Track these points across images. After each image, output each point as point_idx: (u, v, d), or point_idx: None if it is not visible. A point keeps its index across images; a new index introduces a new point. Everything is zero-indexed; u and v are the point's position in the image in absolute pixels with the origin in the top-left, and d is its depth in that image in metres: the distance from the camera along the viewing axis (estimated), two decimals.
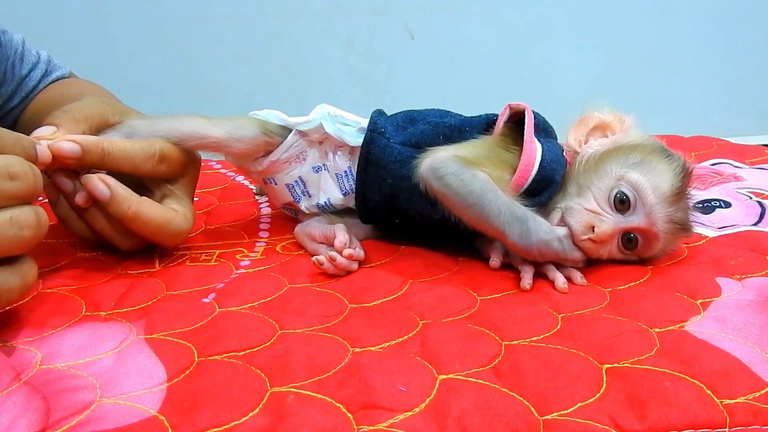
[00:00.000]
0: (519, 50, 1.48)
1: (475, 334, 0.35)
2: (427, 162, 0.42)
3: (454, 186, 0.40)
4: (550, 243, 0.40)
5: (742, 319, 0.35)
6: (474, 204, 0.40)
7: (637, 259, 0.43)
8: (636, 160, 0.42)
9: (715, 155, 0.68)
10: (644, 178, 0.41)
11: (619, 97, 1.66)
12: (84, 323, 0.37)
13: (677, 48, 1.53)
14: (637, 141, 0.44)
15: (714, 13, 1.51)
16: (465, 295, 0.40)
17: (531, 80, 1.51)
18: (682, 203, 0.42)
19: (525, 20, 1.45)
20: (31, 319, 0.37)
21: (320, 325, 0.36)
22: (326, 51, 1.35)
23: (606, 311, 0.37)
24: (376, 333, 0.35)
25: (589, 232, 0.41)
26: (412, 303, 0.39)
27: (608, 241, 0.41)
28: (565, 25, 1.47)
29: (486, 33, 1.45)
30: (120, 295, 0.40)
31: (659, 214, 0.41)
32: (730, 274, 0.41)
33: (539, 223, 0.40)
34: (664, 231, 0.41)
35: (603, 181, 0.42)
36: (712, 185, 0.58)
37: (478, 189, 0.40)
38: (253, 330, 0.36)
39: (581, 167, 0.43)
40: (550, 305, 0.38)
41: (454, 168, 0.40)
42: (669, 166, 0.42)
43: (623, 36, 1.50)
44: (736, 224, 0.49)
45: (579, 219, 0.41)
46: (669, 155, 0.43)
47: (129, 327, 0.36)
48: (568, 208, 0.42)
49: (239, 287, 0.41)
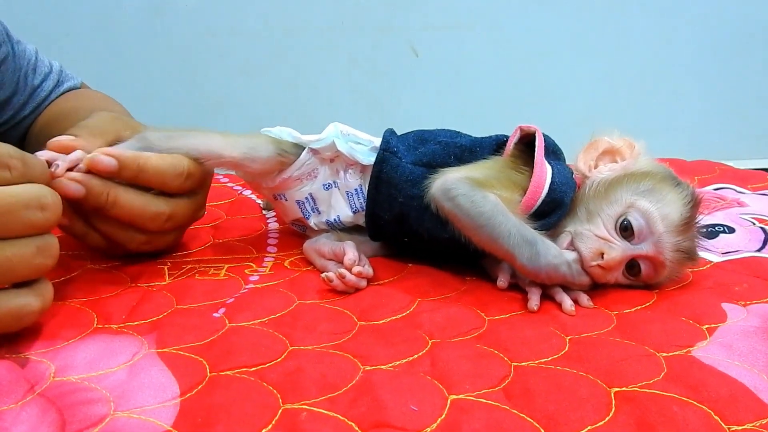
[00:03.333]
0: (521, 70, 1.49)
1: (485, 354, 0.35)
2: (439, 182, 0.42)
3: (465, 207, 0.41)
4: (558, 267, 0.40)
5: (748, 346, 0.35)
6: (484, 225, 0.41)
7: (642, 284, 0.44)
8: (646, 188, 0.42)
9: (717, 180, 0.68)
10: (654, 206, 0.41)
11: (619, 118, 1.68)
12: (96, 335, 0.37)
13: (677, 71, 1.55)
14: (647, 168, 0.44)
15: (714, 37, 1.53)
16: (473, 314, 0.40)
17: (532, 100, 1.52)
18: (689, 233, 0.42)
19: (527, 41, 1.47)
20: (44, 331, 0.37)
21: (330, 342, 0.37)
22: (330, 66, 1.36)
23: (613, 334, 0.38)
24: (386, 351, 0.35)
25: (598, 259, 0.41)
26: (421, 322, 0.39)
27: (616, 268, 0.42)
28: (566, 46, 1.49)
29: (489, 53, 1.47)
30: (131, 308, 0.40)
31: (667, 243, 0.41)
32: (735, 300, 0.41)
33: (548, 246, 0.40)
34: (671, 260, 0.42)
35: (613, 208, 0.42)
36: (715, 210, 0.59)
37: (489, 211, 0.40)
38: (264, 346, 0.36)
39: (591, 192, 0.44)
40: (558, 327, 0.39)
41: (465, 189, 0.41)
42: (678, 195, 0.42)
43: (624, 58, 1.52)
44: (740, 250, 0.50)
45: (589, 245, 0.41)
46: (678, 184, 0.43)
47: (141, 340, 0.36)
48: (577, 233, 0.42)
49: (249, 302, 0.41)
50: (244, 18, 1.35)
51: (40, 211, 0.34)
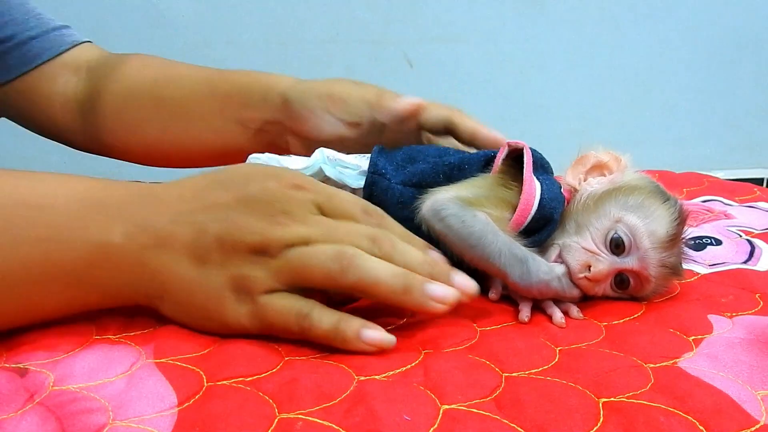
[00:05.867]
0: (514, 81, 1.51)
1: (477, 365, 0.36)
2: (429, 204, 0.43)
3: (455, 227, 0.42)
4: (550, 283, 0.41)
5: (733, 357, 0.36)
6: (475, 245, 0.41)
7: (629, 296, 0.45)
8: (634, 202, 0.43)
9: (706, 192, 0.70)
10: (641, 222, 0.42)
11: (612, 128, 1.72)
12: (94, 346, 0.37)
13: (669, 83, 1.57)
14: (636, 182, 0.45)
15: (705, 49, 1.55)
16: (466, 325, 0.41)
17: (526, 111, 1.54)
18: (675, 249, 0.43)
19: (521, 53, 1.49)
20: (43, 342, 0.38)
21: (325, 352, 0.37)
22: (326, 77, 1.37)
23: (602, 345, 0.39)
24: (380, 362, 0.36)
25: (585, 271, 0.42)
26: (414, 332, 0.40)
27: (603, 281, 0.43)
28: (559, 58, 1.51)
29: (482, 65, 1.49)
30: (128, 318, 0.41)
31: (652, 259, 0.42)
32: (721, 312, 0.42)
33: (539, 263, 0.41)
34: (656, 275, 0.43)
35: (601, 222, 0.43)
36: (703, 222, 0.60)
37: (479, 230, 0.41)
38: (260, 356, 0.36)
39: (580, 206, 0.45)
40: (548, 338, 0.39)
41: (455, 209, 0.42)
42: (666, 211, 0.43)
43: (617, 70, 1.54)
44: (727, 262, 0.51)
45: (577, 258, 0.42)
46: (667, 199, 0.44)
47: (138, 351, 0.37)
48: (565, 246, 0.43)
49: None
50: (240, 30, 1.37)
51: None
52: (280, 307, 0.37)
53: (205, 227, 0.37)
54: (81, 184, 0.39)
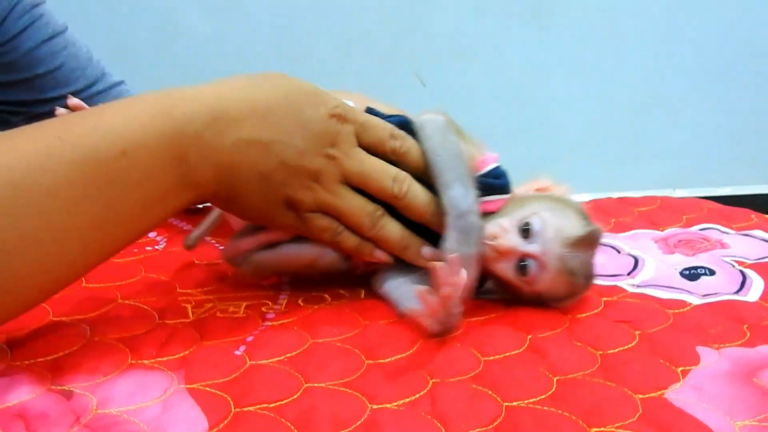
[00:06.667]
0: (521, 95, 1.54)
1: (479, 395, 0.39)
2: (430, 116, 0.51)
3: (438, 139, 0.49)
4: (470, 215, 0.48)
5: (717, 389, 0.39)
6: (446, 158, 0.49)
7: (537, 296, 0.49)
8: (554, 206, 0.49)
9: (704, 219, 0.72)
10: (552, 218, 0.48)
11: (616, 142, 1.75)
12: (131, 371, 0.41)
13: (673, 97, 1.60)
14: (565, 198, 0.52)
15: (707, 66, 1.57)
16: (470, 355, 0.44)
17: (533, 125, 1.57)
18: (579, 256, 0.48)
19: (527, 67, 1.52)
20: (84, 365, 0.41)
21: (341, 380, 0.41)
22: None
23: (596, 375, 0.42)
24: (391, 391, 0.39)
25: (492, 240, 0.48)
26: (422, 361, 0.43)
27: (505, 256, 0.48)
28: (565, 73, 1.54)
29: (490, 78, 1.52)
30: (160, 344, 0.45)
31: (553, 250, 0.47)
32: (709, 343, 0.45)
33: (473, 197, 0.48)
34: (555, 269, 0.47)
35: (522, 212, 0.49)
36: (699, 251, 0.63)
37: (455, 150, 0.49)
38: (282, 383, 0.40)
39: (515, 200, 0.51)
40: (546, 368, 0.43)
41: (447, 128, 0.50)
42: (580, 222, 0.49)
43: (620, 84, 1.57)
44: (719, 293, 0.54)
45: (492, 228, 0.48)
46: (586, 218, 0.50)
47: (171, 376, 0.41)
48: (491, 222, 0.49)
49: (267, 341, 0.45)
50: (253, 45, 1.41)
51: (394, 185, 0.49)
52: (319, 223, 0.48)
53: (270, 150, 0.45)
54: (149, 116, 0.43)
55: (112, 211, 0.41)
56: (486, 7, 1.47)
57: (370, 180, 0.48)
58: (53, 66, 0.70)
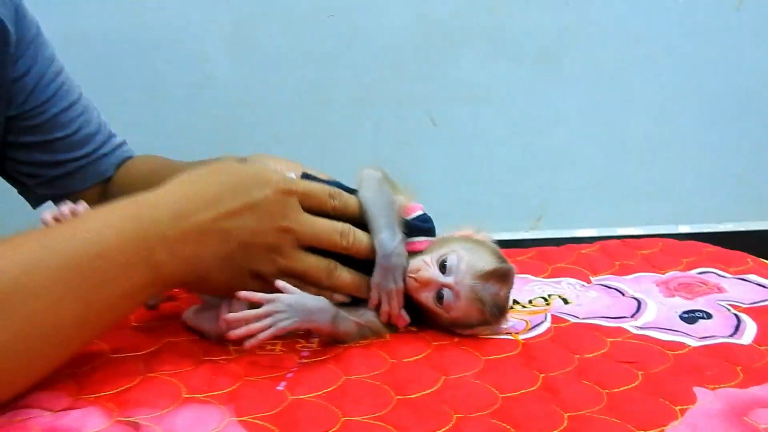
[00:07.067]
0: (532, 139, 1.60)
1: (498, 429, 0.44)
2: (367, 171, 0.60)
3: (375, 189, 0.58)
4: (393, 256, 0.55)
5: (710, 426, 0.44)
6: (378, 205, 0.57)
7: (454, 323, 0.58)
8: (470, 246, 0.58)
9: (703, 263, 0.77)
10: (467, 255, 0.56)
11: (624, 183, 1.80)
12: (187, 405, 0.46)
13: (678, 139, 1.65)
14: (483, 241, 0.60)
15: (712, 106, 1.63)
16: (489, 392, 0.49)
17: (543, 167, 1.63)
18: (489, 287, 0.56)
19: (537, 111, 1.58)
20: (144, 399, 0.46)
21: (374, 414, 0.46)
22: (355, 135, 1.48)
23: (603, 412, 0.46)
24: (420, 425, 0.44)
25: (414, 272, 0.56)
26: (446, 398, 0.48)
27: (425, 286, 0.56)
28: (575, 116, 1.60)
29: (502, 122, 1.58)
30: (208, 379, 0.50)
31: (466, 281, 0.55)
32: (705, 384, 0.50)
33: (400, 241, 0.56)
34: (466, 298, 0.55)
35: (442, 250, 0.57)
36: (697, 295, 0.67)
37: (387, 198, 0.57)
38: (322, 417, 0.45)
39: (438, 242, 0.59)
40: (559, 405, 0.47)
41: (382, 181, 0.59)
42: (492, 258, 0.57)
43: (628, 127, 1.63)
44: (715, 335, 0.59)
45: (415, 263, 0.57)
46: (500, 257, 0.58)
47: (222, 410, 0.46)
48: (416, 258, 0.57)
49: (305, 377, 0.50)
50: (276, 91, 1.48)
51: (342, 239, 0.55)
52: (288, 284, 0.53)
53: (228, 235, 0.51)
54: (120, 222, 0.49)
55: (90, 307, 0.47)
56: (498, 52, 1.54)
57: (321, 240, 0.55)
58: (71, 131, 0.77)
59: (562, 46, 1.53)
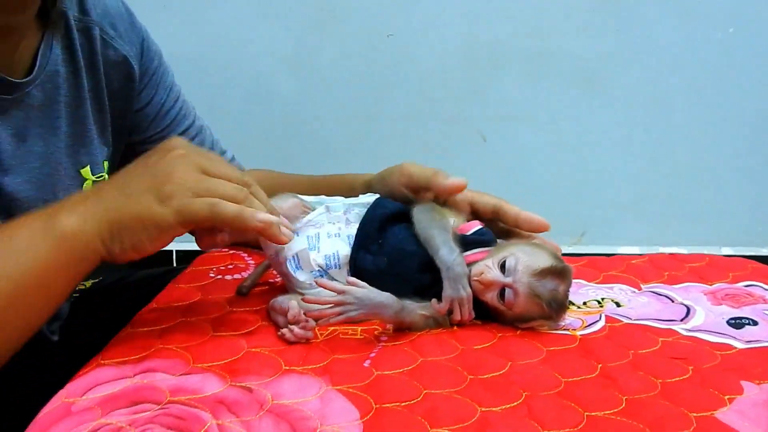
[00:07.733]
0: (572, 157, 1.65)
1: (564, 406, 0.50)
2: (420, 206, 0.68)
3: (426, 218, 0.65)
4: (455, 266, 0.61)
5: (756, 413, 0.49)
6: (432, 230, 0.64)
7: (517, 318, 0.63)
8: (528, 249, 0.63)
9: (749, 277, 0.81)
10: (524, 256, 0.62)
11: (661, 202, 1.84)
12: (288, 375, 0.53)
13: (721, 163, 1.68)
14: (541, 244, 0.67)
15: (748, 129, 1.65)
16: (553, 377, 0.54)
17: (582, 185, 1.67)
18: (546, 284, 0.61)
19: (580, 131, 1.64)
20: (252, 368, 0.53)
21: (452, 388, 0.52)
22: (404, 151, 1.55)
23: (657, 398, 0.52)
24: (494, 399, 0.50)
25: (478, 275, 0.62)
26: (514, 379, 0.54)
27: (488, 287, 0.61)
28: (617, 137, 1.65)
29: (546, 139, 1.64)
30: (302, 355, 0.56)
31: (524, 279, 0.61)
32: (751, 379, 0.55)
33: (458, 256, 0.62)
34: (525, 294, 0.61)
35: (501, 253, 0.63)
36: (744, 305, 0.72)
37: (439, 224, 0.64)
38: (406, 389, 0.51)
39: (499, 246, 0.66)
40: (617, 389, 0.52)
41: (431, 210, 0.67)
42: (548, 257, 0.62)
43: (666, 148, 1.66)
44: (761, 340, 0.63)
45: (477, 268, 0.62)
46: (557, 257, 0.63)
47: (319, 380, 0.52)
48: (479, 263, 0.63)
49: (386, 357, 0.57)
50: (329, 106, 1.57)
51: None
52: (198, 203, 0.55)
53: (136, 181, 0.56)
54: None
55: None
56: (542, 74, 1.60)
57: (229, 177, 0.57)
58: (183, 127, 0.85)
59: (607, 70, 1.59)
